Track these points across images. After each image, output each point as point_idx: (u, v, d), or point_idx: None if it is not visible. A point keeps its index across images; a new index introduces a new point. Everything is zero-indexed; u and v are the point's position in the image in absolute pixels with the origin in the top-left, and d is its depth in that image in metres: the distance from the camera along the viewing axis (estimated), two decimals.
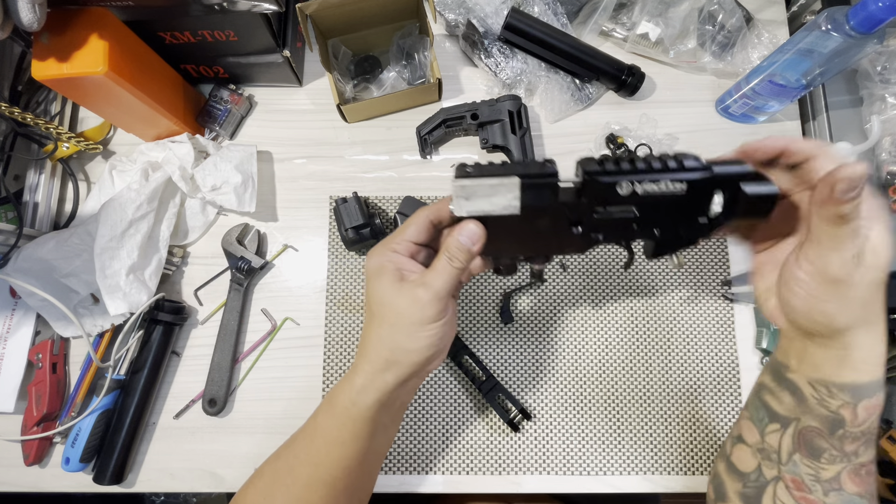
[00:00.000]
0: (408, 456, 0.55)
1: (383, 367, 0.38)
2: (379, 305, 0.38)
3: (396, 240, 0.39)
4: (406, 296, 0.37)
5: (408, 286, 0.37)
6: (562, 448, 0.55)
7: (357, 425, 0.39)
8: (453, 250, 0.36)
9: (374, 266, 0.39)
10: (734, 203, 0.34)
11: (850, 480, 0.35)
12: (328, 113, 0.63)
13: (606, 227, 0.37)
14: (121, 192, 0.54)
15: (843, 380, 0.33)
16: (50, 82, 0.47)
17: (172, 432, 0.56)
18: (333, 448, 0.40)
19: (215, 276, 0.59)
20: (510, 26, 0.59)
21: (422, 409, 0.56)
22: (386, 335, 0.38)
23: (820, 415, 0.35)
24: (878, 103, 0.57)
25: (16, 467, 0.54)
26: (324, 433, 0.41)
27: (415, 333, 0.37)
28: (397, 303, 0.37)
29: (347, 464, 0.40)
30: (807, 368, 0.35)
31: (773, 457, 0.37)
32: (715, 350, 0.57)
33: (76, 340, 0.58)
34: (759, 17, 0.63)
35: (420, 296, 0.36)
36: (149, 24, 0.51)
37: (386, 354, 0.38)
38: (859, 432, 0.34)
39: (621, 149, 0.61)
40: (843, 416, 0.34)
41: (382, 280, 0.38)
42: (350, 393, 0.39)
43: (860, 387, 0.33)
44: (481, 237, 0.36)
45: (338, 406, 0.40)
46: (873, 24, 0.43)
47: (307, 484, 0.41)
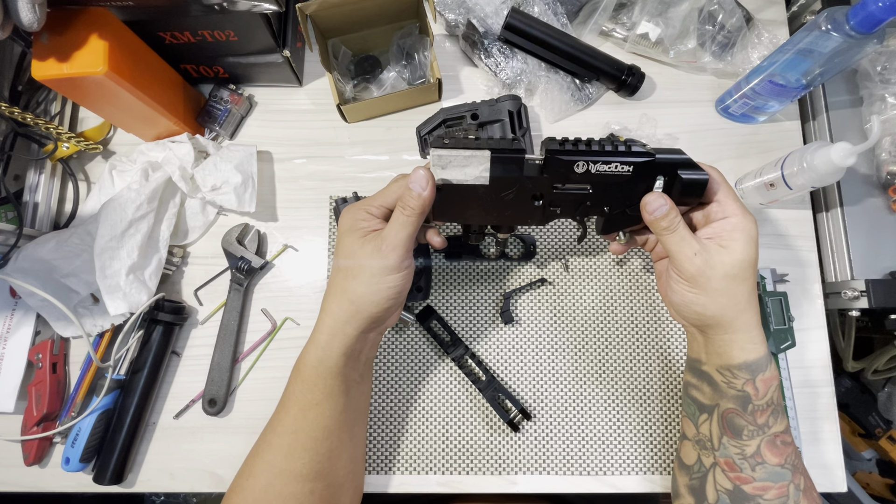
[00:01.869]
0: (408, 456, 0.55)
1: (345, 318, 0.41)
2: (345, 259, 0.41)
3: (374, 202, 0.42)
4: (367, 248, 0.40)
5: (369, 240, 0.40)
6: (561, 448, 0.55)
7: (327, 383, 0.41)
8: (405, 199, 0.39)
9: (346, 224, 0.42)
10: (671, 186, 0.41)
11: (769, 451, 0.40)
12: (328, 113, 0.63)
13: (564, 202, 0.43)
14: (121, 192, 0.54)
15: (738, 360, 0.40)
16: (50, 82, 0.47)
17: (172, 432, 0.56)
18: (309, 411, 0.42)
19: (215, 276, 0.59)
20: (510, 26, 0.59)
21: (422, 409, 0.56)
22: (349, 287, 0.40)
23: (732, 396, 0.41)
24: (878, 103, 0.57)
25: (16, 467, 0.54)
26: (297, 399, 0.42)
27: (376, 283, 0.40)
28: (360, 255, 0.40)
29: (325, 423, 0.42)
30: (712, 358, 0.42)
31: (707, 445, 0.43)
32: None
33: (76, 340, 0.58)
34: (759, 17, 0.63)
35: (379, 246, 0.39)
36: (149, 24, 0.51)
37: (346, 305, 0.40)
38: (765, 404, 0.40)
39: None
40: (748, 391, 0.40)
41: (351, 235, 0.41)
42: (316, 351, 0.41)
43: (751, 364, 0.40)
44: (427, 181, 0.39)
45: (306, 368, 0.42)
46: (873, 24, 0.43)
47: (288, 453, 0.42)
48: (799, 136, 0.62)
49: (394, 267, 0.40)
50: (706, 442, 0.43)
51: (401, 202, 0.40)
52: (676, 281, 0.41)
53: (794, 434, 0.54)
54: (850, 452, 0.97)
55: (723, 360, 0.41)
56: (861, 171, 0.58)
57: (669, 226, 0.40)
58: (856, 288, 0.54)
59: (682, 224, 0.40)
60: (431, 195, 0.39)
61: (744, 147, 0.62)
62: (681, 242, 0.40)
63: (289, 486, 0.41)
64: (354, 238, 0.41)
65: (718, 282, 0.39)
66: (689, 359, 0.46)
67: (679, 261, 0.40)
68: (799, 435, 0.54)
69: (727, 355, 0.40)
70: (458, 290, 0.58)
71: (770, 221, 0.60)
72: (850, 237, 0.56)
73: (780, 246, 0.59)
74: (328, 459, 0.43)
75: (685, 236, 0.40)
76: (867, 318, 0.60)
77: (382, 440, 0.55)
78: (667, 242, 0.41)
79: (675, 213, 0.40)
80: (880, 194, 0.58)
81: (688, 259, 0.39)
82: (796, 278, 0.58)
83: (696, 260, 0.39)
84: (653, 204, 0.40)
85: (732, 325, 0.40)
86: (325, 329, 0.41)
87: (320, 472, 0.42)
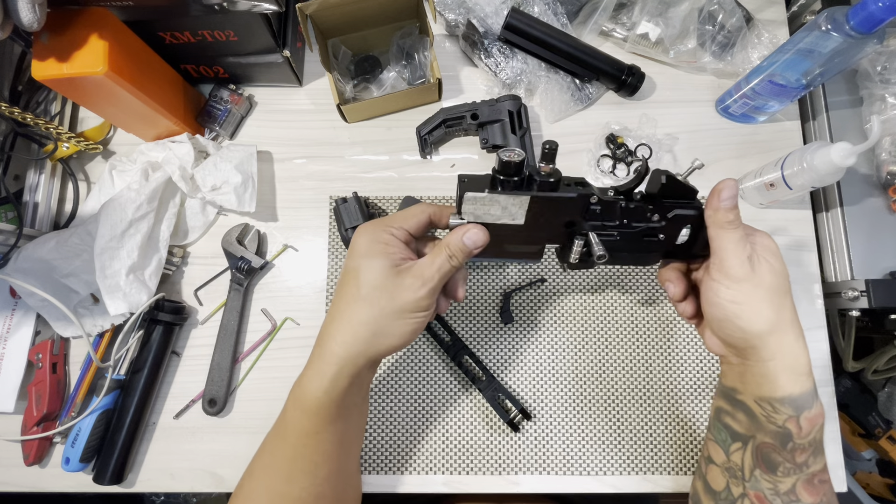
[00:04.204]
0: (408, 456, 0.55)
1: (360, 351, 0.38)
2: (370, 287, 0.37)
3: (395, 224, 0.40)
4: (402, 284, 0.37)
5: (404, 274, 0.38)
6: (562, 448, 0.55)
7: (330, 413, 0.39)
8: (454, 249, 0.38)
9: (366, 245, 0.38)
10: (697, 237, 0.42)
11: (805, 490, 0.38)
12: (328, 113, 0.63)
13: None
14: (121, 192, 0.54)
15: (781, 394, 0.37)
16: (50, 82, 0.47)
17: (172, 432, 0.56)
18: (308, 439, 0.40)
19: (215, 276, 0.59)
20: (510, 26, 0.59)
21: (422, 409, 0.56)
22: (373, 318, 0.37)
23: (771, 430, 0.38)
24: (878, 103, 0.57)
25: (16, 467, 0.54)
26: (295, 429, 0.40)
27: (403, 320, 0.38)
28: (393, 289, 0.37)
29: (326, 448, 0.40)
30: (751, 388, 0.39)
31: (738, 475, 0.40)
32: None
33: (76, 340, 0.58)
34: (759, 17, 0.63)
35: (418, 287, 0.37)
36: (149, 24, 0.51)
37: (366, 337, 0.38)
38: (807, 443, 0.37)
39: (621, 149, 0.61)
40: (790, 429, 0.37)
41: (375, 262, 0.38)
42: (320, 383, 0.38)
43: (796, 399, 0.37)
44: (484, 242, 0.38)
45: (307, 399, 0.39)
46: (873, 24, 0.43)
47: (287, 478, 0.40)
48: (799, 136, 0.62)
49: (426, 305, 0.38)
50: (736, 471, 0.40)
51: (449, 248, 0.38)
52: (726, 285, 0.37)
53: None
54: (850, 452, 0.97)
55: (763, 390, 0.38)
56: (861, 171, 0.58)
57: (735, 219, 0.37)
58: (856, 288, 0.54)
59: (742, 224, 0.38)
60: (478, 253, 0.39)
61: (744, 147, 0.62)
62: (739, 242, 0.37)
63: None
64: (385, 265, 0.38)
65: (766, 292, 0.37)
66: (722, 385, 0.42)
67: (730, 263, 0.37)
68: None
69: (769, 385, 0.37)
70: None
71: (770, 221, 0.60)
72: (850, 237, 0.56)
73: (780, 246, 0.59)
74: (327, 482, 0.42)
75: (743, 236, 0.37)
76: (867, 318, 0.60)
77: (382, 440, 0.55)
78: (725, 238, 0.37)
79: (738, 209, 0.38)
80: (880, 194, 0.58)
81: (741, 262, 0.37)
82: (796, 278, 0.58)
83: (748, 264, 0.37)
84: (727, 191, 0.37)
85: (777, 348, 0.37)
86: (333, 360, 0.38)
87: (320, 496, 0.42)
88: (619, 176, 0.61)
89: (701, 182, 0.61)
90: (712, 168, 0.61)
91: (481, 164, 0.62)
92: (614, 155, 0.61)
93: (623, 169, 0.61)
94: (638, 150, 0.61)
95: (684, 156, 0.62)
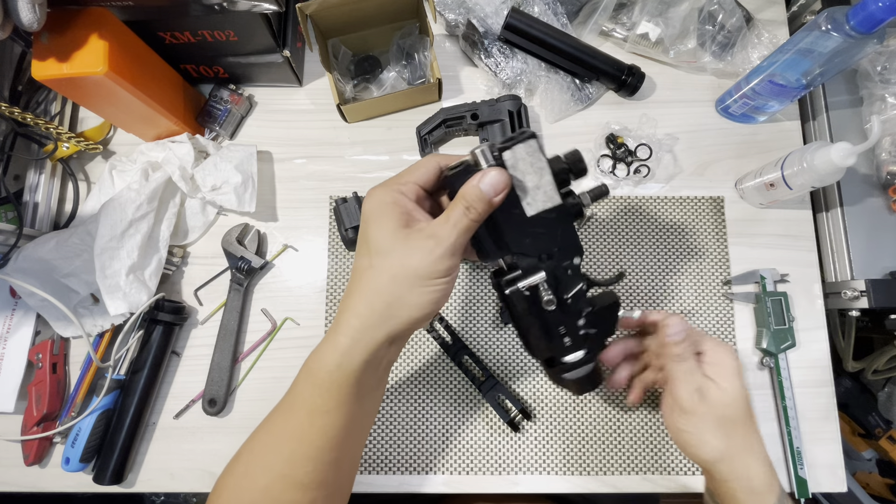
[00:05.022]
0: (408, 456, 0.55)
1: (376, 323, 0.34)
2: (380, 253, 0.34)
3: (402, 180, 0.35)
4: (415, 246, 0.33)
5: (416, 234, 0.33)
6: (562, 448, 0.55)
7: (342, 391, 0.36)
8: (472, 198, 0.33)
9: (375, 206, 0.34)
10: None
11: None
12: (328, 113, 0.63)
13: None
14: (121, 192, 0.54)
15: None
16: (50, 82, 0.47)
17: (172, 432, 0.56)
18: (317, 418, 0.36)
19: (215, 276, 0.59)
20: (510, 26, 0.59)
21: (422, 409, 0.56)
22: (385, 287, 0.34)
23: None
24: (878, 103, 0.57)
25: (16, 467, 0.54)
26: (305, 403, 0.37)
27: (420, 287, 0.33)
28: (403, 252, 0.33)
29: (334, 433, 0.37)
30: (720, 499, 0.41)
31: None
32: None
33: (76, 340, 0.58)
34: (759, 17, 0.63)
35: (431, 248, 0.33)
36: (149, 24, 0.51)
37: (381, 308, 0.34)
38: None
39: (621, 149, 0.61)
40: None
41: (385, 223, 0.34)
42: (333, 355, 0.35)
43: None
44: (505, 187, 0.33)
45: (319, 372, 0.36)
46: (873, 24, 0.43)
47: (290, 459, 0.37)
48: (799, 136, 0.62)
49: (445, 270, 0.33)
50: None
51: (464, 199, 0.33)
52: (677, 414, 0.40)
53: (795, 434, 0.54)
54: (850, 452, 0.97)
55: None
56: (861, 171, 0.58)
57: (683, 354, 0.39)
58: (856, 288, 0.54)
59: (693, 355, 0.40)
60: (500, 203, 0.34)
61: (744, 147, 0.62)
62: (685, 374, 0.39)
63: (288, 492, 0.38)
64: (393, 227, 0.33)
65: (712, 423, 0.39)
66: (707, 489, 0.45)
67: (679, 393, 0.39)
68: (799, 435, 0.54)
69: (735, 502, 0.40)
70: (458, 290, 0.58)
71: (770, 221, 0.60)
72: (850, 237, 0.56)
73: (780, 246, 0.59)
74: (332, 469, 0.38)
75: (693, 368, 0.39)
76: (867, 318, 0.60)
77: (382, 440, 0.55)
78: (675, 370, 0.40)
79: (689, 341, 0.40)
80: (880, 194, 0.58)
81: (688, 394, 0.39)
82: (796, 278, 0.58)
83: (694, 396, 0.39)
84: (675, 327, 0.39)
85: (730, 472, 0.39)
86: (349, 331, 0.35)
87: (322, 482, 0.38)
88: (619, 176, 0.61)
89: (702, 182, 0.61)
90: (712, 168, 0.61)
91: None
92: (614, 155, 0.61)
93: (623, 169, 0.61)
94: (638, 150, 0.61)
95: (684, 156, 0.62)
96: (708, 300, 0.58)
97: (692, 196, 0.60)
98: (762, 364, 0.56)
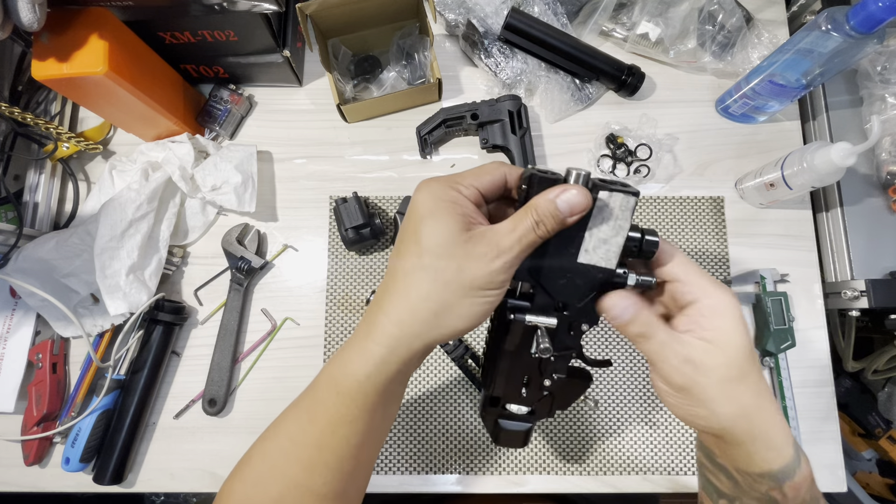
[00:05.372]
0: (408, 456, 0.55)
1: (418, 332, 0.31)
2: (433, 254, 0.31)
3: (465, 181, 0.33)
4: (476, 252, 0.30)
5: (477, 239, 0.31)
6: (562, 448, 0.55)
7: (369, 399, 0.33)
8: (543, 213, 0.30)
9: (433, 201, 0.31)
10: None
11: None
12: (328, 113, 0.63)
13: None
14: (121, 192, 0.54)
15: (757, 470, 0.33)
16: (50, 82, 0.47)
17: (172, 432, 0.56)
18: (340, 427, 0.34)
19: (215, 276, 0.59)
20: (510, 26, 0.59)
21: (422, 409, 0.56)
22: (435, 292, 0.31)
23: (755, 497, 0.35)
24: (878, 103, 0.57)
25: (16, 467, 0.54)
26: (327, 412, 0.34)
27: (472, 297, 0.31)
28: (463, 258, 0.30)
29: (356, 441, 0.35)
30: (726, 459, 0.35)
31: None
32: None
33: (76, 340, 0.58)
34: (759, 17, 0.63)
35: (493, 257, 0.30)
36: (149, 24, 0.51)
37: (426, 316, 0.31)
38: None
39: (621, 149, 0.61)
40: (775, 497, 0.34)
41: (445, 222, 0.31)
42: (364, 365, 0.32)
43: (776, 473, 0.33)
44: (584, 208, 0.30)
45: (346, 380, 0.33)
46: (873, 24, 0.43)
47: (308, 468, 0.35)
48: (799, 136, 0.62)
49: (500, 282, 0.31)
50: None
51: (537, 212, 0.30)
52: (667, 394, 0.33)
53: (795, 434, 0.54)
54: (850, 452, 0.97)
55: (738, 464, 0.34)
56: (861, 171, 0.58)
57: (644, 331, 0.32)
58: (856, 288, 0.54)
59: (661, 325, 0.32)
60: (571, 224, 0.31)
61: (744, 147, 0.62)
62: (663, 349, 0.32)
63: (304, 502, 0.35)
64: (454, 228, 0.31)
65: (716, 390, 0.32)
66: (699, 442, 0.38)
67: (665, 372, 0.32)
68: (799, 435, 0.54)
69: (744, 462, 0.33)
70: None
71: (770, 221, 0.60)
72: (850, 237, 0.56)
73: (780, 246, 0.59)
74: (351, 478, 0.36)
75: (666, 341, 0.32)
76: (867, 318, 0.60)
77: None
78: (645, 351, 0.33)
79: (646, 313, 0.32)
80: (880, 194, 0.58)
81: (675, 369, 0.32)
82: (796, 278, 0.58)
83: (684, 369, 0.31)
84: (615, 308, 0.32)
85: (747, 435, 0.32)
86: (385, 339, 0.32)
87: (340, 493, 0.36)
88: (619, 176, 0.61)
89: (702, 182, 0.61)
90: (712, 168, 0.61)
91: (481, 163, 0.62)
92: (614, 155, 0.61)
93: (623, 169, 0.61)
94: (638, 150, 0.61)
95: (684, 156, 0.62)
96: None
97: (692, 196, 0.60)
98: (762, 364, 0.56)
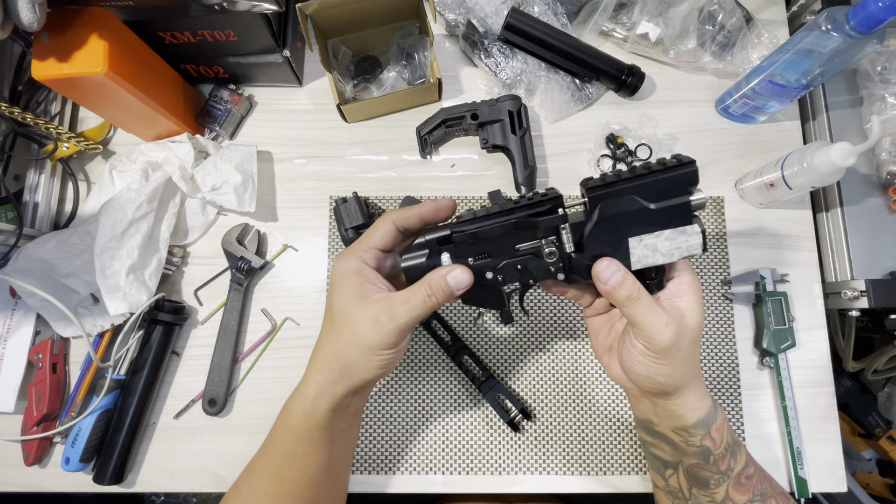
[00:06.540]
0: (408, 456, 0.55)
1: (335, 379, 0.38)
2: (339, 318, 0.37)
3: (363, 246, 0.38)
4: (368, 317, 0.36)
5: (371, 306, 0.36)
6: (562, 448, 0.55)
7: (315, 435, 0.39)
8: (435, 288, 0.36)
9: (339, 273, 0.38)
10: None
11: (737, 492, 0.40)
12: (328, 113, 0.63)
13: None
14: (121, 192, 0.54)
15: (692, 420, 0.39)
16: (50, 82, 0.47)
17: (172, 432, 0.56)
18: (295, 461, 0.40)
19: (215, 276, 0.59)
20: (510, 26, 0.59)
21: (422, 409, 0.56)
22: (341, 350, 0.37)
23: (693, 452, 0.40)
24: (878, 103, 0.57)
25: (16, 467, 0.54)
26: (282, 448, 0.41)
27: (369, 356, 0.37)
28: (358, 321, 0.36)
29: (312, 472, 0.40)
30: (665, 421, 0.40)
31: (679, 495, 0.43)
32: (715, 350, 0.57)
33: (76, 340, 0.58)
34: (759, 17, 0.63)
35: (383, 322, 0.36)
36: (149, 24, 0.51)
37: (338, 368, 0.38)
38: (723, 450, 0.40)
39: (621, 149, 0.61)
40: (707, 445, 0.39)
41: (346, 290, 0.37)
42: (303, 405, 0.39)
43: (703, 420, 0.39)
44: (468, 285, 0.37)
45: (292, 419, 0.40)
46: (873, 24, 0.43)
47: (273, 499, 0.40)
48: (799, 136, 0.62)
49: (393, 343, 0.36)
50: (677, 493, 0.43)
51: (430, 286, 0.36)
52: (644, 353, 0.37)
53: (795, 434, 0.54)
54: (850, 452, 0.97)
55: (676, 422, 0.39)
56: (861, 171, 0.58)
57: (631, 294, 0.35)
58: (856, 288, 0.54)
59: (644, 291, 0.36)
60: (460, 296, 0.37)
61: (744, 147, 0.62)
62: (648, 312, 0.35)
63: None
64: (352, 296, 0.36)
65: (689, 349, 0.36)
66: (637, 419, 0.44)
67: (649, 333, 0.35)
68: (800, 435, 0.54)
69: (680, 417, 0.39)
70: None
71: (770, 221, 0.60)
72: (850, 237, 0.56)
73: (780, 246, 0.59)
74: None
75: (651, 305, 0.35)
76: (867, 318, 0.60)
77: (382, 440, 0.55)
78: (631, 314, 0.36)
79: (632, 278, 0.36)
80: (880, 194, 0.58)
81: (659, 331, 0.35)
82: (796, 278, 0.58)
83: (667, 332, 0.35)
84: (605, 272, 0.36)
85: (686, 389, 0.38)
86: (313, 384, 0.39)
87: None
88: None
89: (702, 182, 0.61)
90: (712, 168, 0.61)
91: (481, 163, 0.62)
92: (614, 155, 0.61)
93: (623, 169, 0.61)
94: (638, 150, 0.61)
95: None
96: (707, 300, 0.58)
97: None
98: (762, 364, 0.56)
